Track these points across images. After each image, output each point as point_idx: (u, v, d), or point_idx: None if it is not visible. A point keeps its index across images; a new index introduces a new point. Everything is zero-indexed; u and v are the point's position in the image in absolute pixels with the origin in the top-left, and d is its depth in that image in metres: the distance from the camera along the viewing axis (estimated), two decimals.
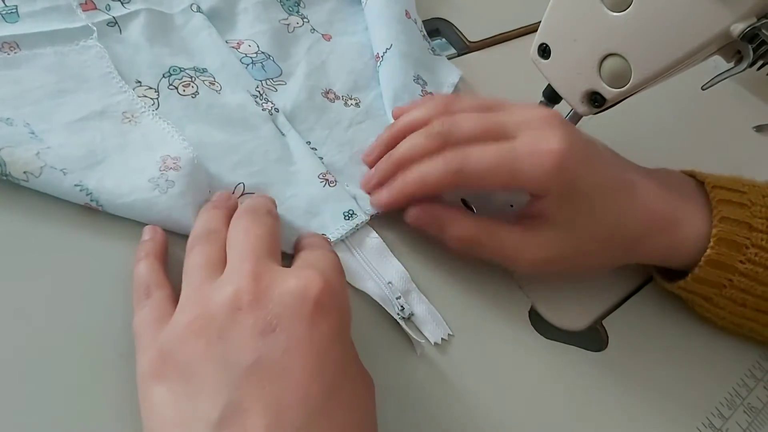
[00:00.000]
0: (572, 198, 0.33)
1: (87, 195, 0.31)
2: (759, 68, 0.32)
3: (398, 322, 0.34)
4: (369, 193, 0.38)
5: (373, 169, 0.38)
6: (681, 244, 0.35)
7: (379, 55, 0.45)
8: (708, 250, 0.34)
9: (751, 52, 0.31)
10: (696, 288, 0.36)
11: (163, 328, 0.26)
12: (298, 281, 0.25)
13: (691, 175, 0.38)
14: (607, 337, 0.38)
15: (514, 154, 0.33)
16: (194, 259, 0.28)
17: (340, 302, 0.27)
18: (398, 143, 0.37)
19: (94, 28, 0.39)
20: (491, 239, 0.35)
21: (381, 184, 0.37)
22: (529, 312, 0.37)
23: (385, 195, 0.36)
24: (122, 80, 0.37)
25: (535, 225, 0.35)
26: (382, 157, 0.37)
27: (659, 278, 0.39)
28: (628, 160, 0.38)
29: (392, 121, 0.41)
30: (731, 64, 0.33)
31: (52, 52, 0.37)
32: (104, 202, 0.32)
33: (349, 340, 0.27)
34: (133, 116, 0.36)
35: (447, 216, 0.35)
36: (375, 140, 0.39)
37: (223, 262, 0.28)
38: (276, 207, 0.33)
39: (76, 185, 0.31)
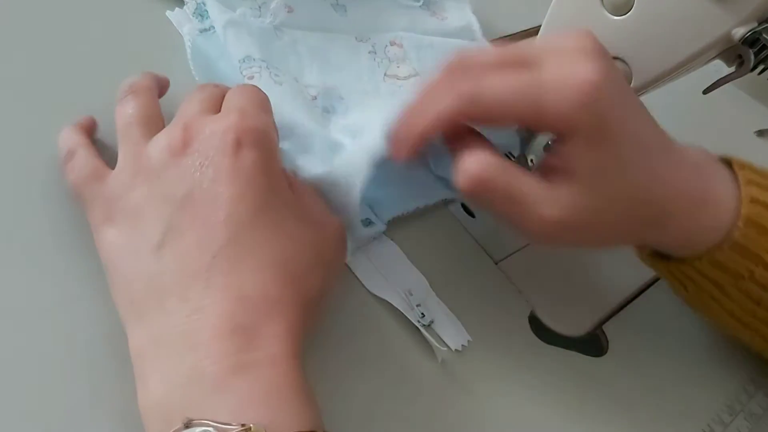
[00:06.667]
0: (601, 142, 0.28)
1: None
2: (760, 72, 0.32)
3: (418, 330, 0.33)
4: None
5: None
6: (706, 229, 0.31)
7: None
8: (735, 232, 0.30)
9: (752, 57, 0.31)
10: (710, 272, 0.32)
11: (104, 181, 0.29)
12: (218, 123, 0.28)
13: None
14: (608, 342, 0.38)
15: (538, 83, 0.28)
16: (129, 113, 0.31)
17: (262, 137, 0.29)
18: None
19: None
20: (509, 183, 0.29)
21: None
22: (529, 317, 0.37)
23: (399, 140, 0.32)
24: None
25: (557, 178, 0.29)
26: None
27: (656, 259, 0.35)
28: None
29: None
30: (732, 69, 0.33)
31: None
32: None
33: (277, 173, 0.29)
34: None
35: (464, 141, 0.30)
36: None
37: (160, 120, 0.31)
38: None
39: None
